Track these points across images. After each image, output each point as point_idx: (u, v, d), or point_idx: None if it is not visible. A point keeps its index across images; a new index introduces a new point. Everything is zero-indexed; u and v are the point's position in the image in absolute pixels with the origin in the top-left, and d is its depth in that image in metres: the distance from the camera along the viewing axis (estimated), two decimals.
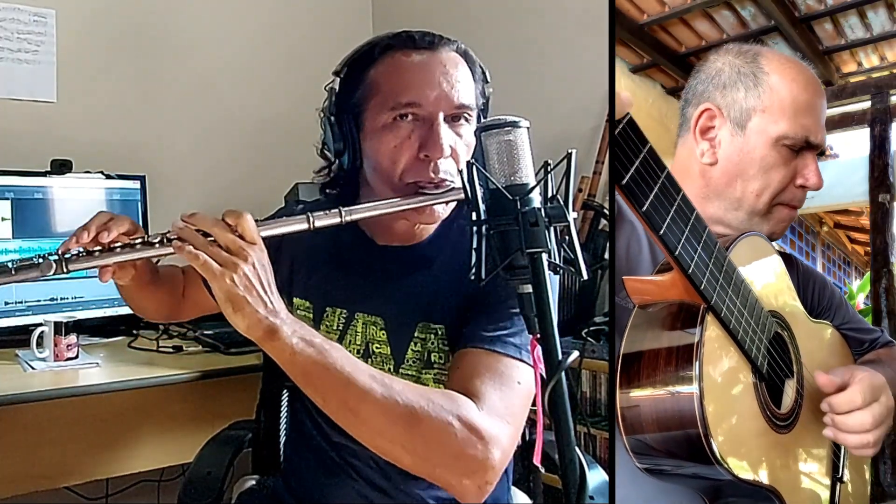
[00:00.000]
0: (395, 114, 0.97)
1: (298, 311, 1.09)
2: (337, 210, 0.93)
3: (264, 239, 0.89)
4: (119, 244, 0.91)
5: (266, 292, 0.85)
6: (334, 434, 1.06)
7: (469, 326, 0.97)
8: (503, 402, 0.89)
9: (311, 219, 0.92)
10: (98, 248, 0.91)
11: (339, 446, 1.06)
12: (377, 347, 1.05)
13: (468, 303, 1.00)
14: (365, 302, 1.06)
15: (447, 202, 0.98)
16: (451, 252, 1.04)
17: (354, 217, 0.94)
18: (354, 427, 0.86)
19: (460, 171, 0.91)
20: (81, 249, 0.91)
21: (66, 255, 0.89)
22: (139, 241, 0.91)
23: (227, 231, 0.86)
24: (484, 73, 1.05)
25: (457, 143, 0.99)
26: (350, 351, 1.01)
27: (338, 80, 1.05)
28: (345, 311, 1.07)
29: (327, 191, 1.11)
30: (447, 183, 0.97)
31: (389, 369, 1.03)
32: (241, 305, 0.83)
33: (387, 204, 0.96)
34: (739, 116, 0.96)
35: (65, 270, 0.88)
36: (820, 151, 0.98)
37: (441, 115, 0.97)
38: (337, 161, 1.05)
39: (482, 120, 1.03)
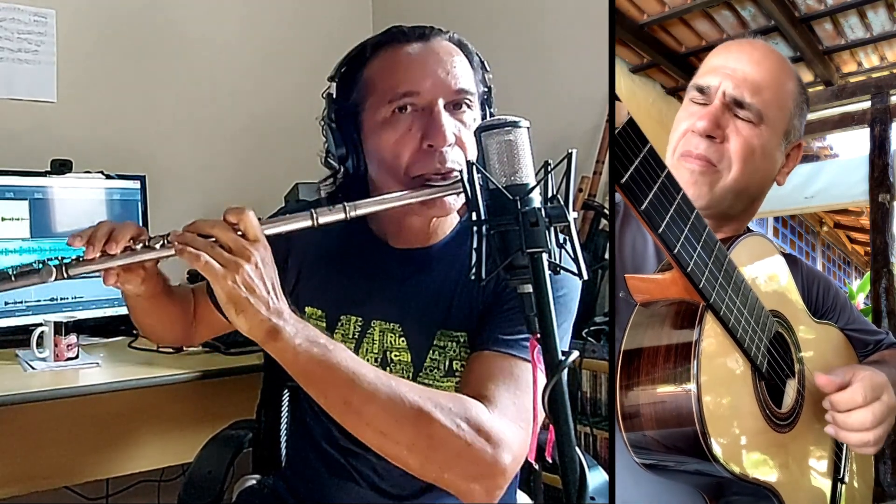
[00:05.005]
0: (393, 107, 0.94)
1: (311, 321, 1.04)
2: (341, 206, 0.89)
3: (269, 239, 0.86)
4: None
5: (269, 292, 0.83)
6: (342, 438, 1.03)
7: (485, 330, 0.95)
8: (516, 406, 0.87)
9: (315, 215, 0.89)
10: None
11: (345, 451, 1.04)
12: (396, 355, 1.01)
13: (487, 308, 0.97)
14: (382, 309, 1.02)
15: (458, 193, 0.94)
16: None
17: (360, 212, 0.90)
18: (358, 428, 0.84)
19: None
20: (81, 253, 0.89)
21: (66, 261, 0.87)
22: (140, 244, 0.89)
23: (228, 230, 0.84)
24: (482, 61, 1.02)
25: (461, 130, 0.95)
26: (367, 360, 0.97)
27: (334, 85, 1.02)
28: (360, 318, 1.03)
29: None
30: (455, 173, 0.93)
31: (409, 377, 0.99)
32: (244, 307, 0.81)
33: (394, 197, 0.93)
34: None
35: (65, 276, 0.87)
36: (737, 104, 0.94)
37: (441, 102, 0.94)
38: (342, 168, 1.01)
39: (487, 109, 1.02)
